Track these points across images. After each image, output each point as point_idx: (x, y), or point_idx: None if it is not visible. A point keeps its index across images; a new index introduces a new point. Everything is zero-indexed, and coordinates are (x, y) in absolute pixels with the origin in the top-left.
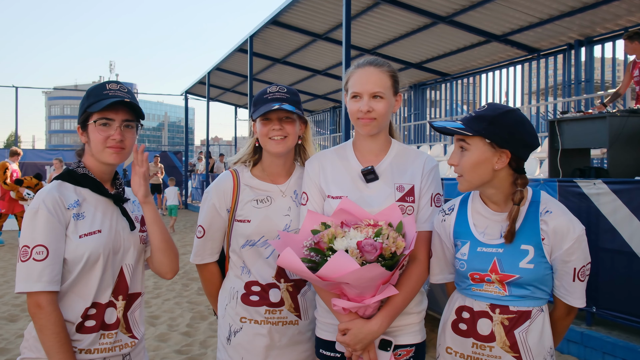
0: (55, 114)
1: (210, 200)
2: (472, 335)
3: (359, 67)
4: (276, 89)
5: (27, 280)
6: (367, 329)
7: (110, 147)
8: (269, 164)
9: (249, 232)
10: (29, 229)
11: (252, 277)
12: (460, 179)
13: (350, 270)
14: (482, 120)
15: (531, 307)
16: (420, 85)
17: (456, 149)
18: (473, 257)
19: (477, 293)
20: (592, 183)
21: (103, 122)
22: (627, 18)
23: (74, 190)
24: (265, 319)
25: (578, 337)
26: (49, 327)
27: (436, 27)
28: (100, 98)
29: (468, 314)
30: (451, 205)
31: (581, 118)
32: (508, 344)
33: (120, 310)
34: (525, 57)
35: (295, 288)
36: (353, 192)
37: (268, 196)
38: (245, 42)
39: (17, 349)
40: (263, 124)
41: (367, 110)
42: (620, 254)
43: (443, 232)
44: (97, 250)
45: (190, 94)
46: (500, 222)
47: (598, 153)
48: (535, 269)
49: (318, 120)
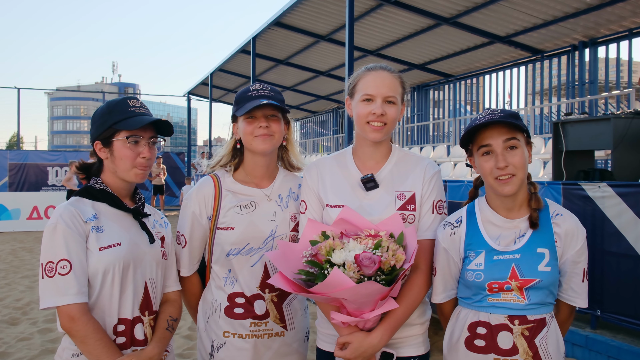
0: (58, 114)
1: (190, 207)
2: (493, 351)
3: (371, 70)
4: (260, 87)
5: (55, 295)
6: (367, 342)
7: (138, 166)
8: (252, 166)
9: (233, 240)
10: (49, 245)
11: (236, 287)
12: (511, 180)
13: (346, 287)
14: (516, 117)
15: (545, 314)
16: (424, 86)
17: (502, 150)
18: (490, 267)
19: (493, 304)
20: (597, 186)
21: (135, 140)
22: (632, 19)
23: (91, 205)
24: (251, 333)
25: (583, 340)
26: (90, 336)
27: (440, 29)
28: (127, 115)
29: (485, 329)
30: (458, 218)
31: (585, 120)
32: (531, 354)
33: (147, 326)
34: (529, 58)
35: (280, 298)
36: (352, 201)
37: (252, 201)
38: (247, 43)
39: (19, 352)
40: (248, 122)
41: (381, 113)
42: (625, 257)
43: (452, 245)
44: (118, 262)
45: (192, 95)
46: (513, 229)
47: (602, 154)
48: (552, 272)
49: (321, 121)
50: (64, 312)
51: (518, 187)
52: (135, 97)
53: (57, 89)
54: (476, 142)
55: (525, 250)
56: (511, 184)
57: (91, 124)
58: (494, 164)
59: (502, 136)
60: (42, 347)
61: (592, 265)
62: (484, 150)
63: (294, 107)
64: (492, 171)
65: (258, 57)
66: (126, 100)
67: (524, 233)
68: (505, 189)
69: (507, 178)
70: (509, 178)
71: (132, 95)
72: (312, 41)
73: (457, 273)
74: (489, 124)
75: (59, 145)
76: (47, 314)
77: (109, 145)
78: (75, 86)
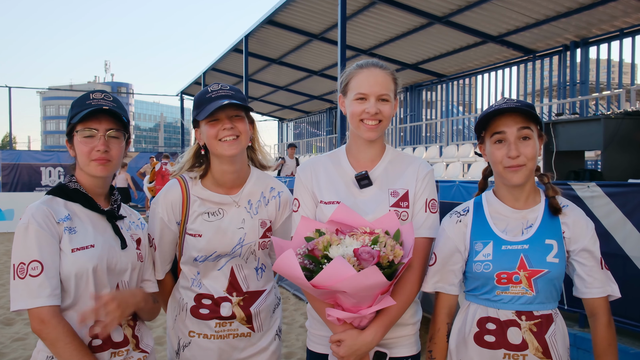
0: (51, 114)
1: (158, 213)
2: (503, 346)
3: (363, 68)
4: (219, 87)
5: (26, 297)
6: (360, 340)
7: (95, 159)
8: (221, 173)
9: (200, 247)
10: (21, 246)
11: (203, 289)
12: (521, 169)
13: (348, 276)
14: (532, 107)
15: (550, 310)
16: (417, 86)
17: (515, 139)
18: (499, 257)
19: (502, 297)
20: (586, 186)
21: (86, 134)
22: (623, 19)
23: (64, 205)
24: (216, 333)
25: (571, 339)
26: (60, 339)
27: (432, 28)
28: (83, 108)
29: (494, 325)
30: (465, 207)
31: (576, 120)
32: (541, 350)
33: (126, 328)
34: (521, 58)
35: (248, 301)
36: (346, 198)
37: (220, 208)
38: (240, 41)
39: (14, 353)
40: (211, 125)
41: (375, 112)
42: (613, 257)
43: (457, 234)
44: (91, 264)
45: (186, 94)
46: (520, 220)
47: (592, 155)
48: (560, 264)
49: (314, 122)
50: (34, 315)
51: (527, 177)
52: (104, 90)
53: (49, 88)
54: (489, 129)
55: (533, 241)
56: (520, 173)
57: None
58: (506, 152)
59: (517, 124)
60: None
61: None
62: (497, 138)
63: (287, 107)
64: (503, 159)
65: (251, 56)
66: (89, 93)
67: (532, 224)
68: (514, 177)
69: (517, 167)
70: (519, 167)
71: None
72: (304, 40)
73: (458, 264)
74: (505, 111)
75: (52, 145)
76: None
77: (72, 142)
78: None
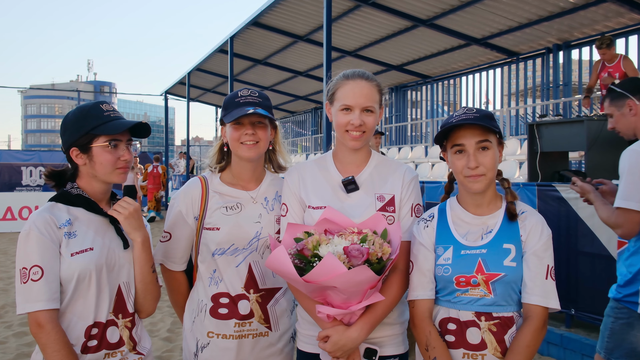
0: (32, 113)
1: (177, 207)
2: (462, 346)
3: (349, 79)
4: (248, 93)
5: (27, 301)
6: (346, 336)
7: (120, 167)
8: (239, 170)
9: (219, 240)
10: (23, 252)
11: (220, 287)
12: (480, 179)
13: (339, 273)
14: (491, 118)
15: (511, 312)
16: (402, 87)
17: (474, 150)
18: (458, 261)
19: (462, 299)
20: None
21: (115, 144)
22: (604, 23)
23: (66, 210)
24: (235, 333)
25: (557, 339)
26: (50, 346)
27: (417, 30)
28: (104, 120)
29: (454, 325)
30: (431, 214)
31: (560, 122)
32: (499, 349)
33: (123, 329)
34: (504, 60)
35: (265, 298)
36: (334, 202)
37: (238, 203)
38: (225, 42)
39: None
40: (235, 129)
41: (360, 124)
42: (598, 257)
43: (426, 238)
44: (89, 267)
45: (170, 94)
46: (480, 226)
47: (576, 155)
48: (518, 267)
49: (299, 121)
50: (32, 319)
51: (487, 185)
52: (106, 101)
53: (30, 87)
54: (450, 140)
55: (491, 245)
56: (480, 182)
57: (63, 131)
58: (466, 163)
59: (475, 137)
60: (17, 350)
61: (567, 265)
62: (456, 149)
63: (273, 107)
64: (463, 169)
65: (236, 57)
66: (98, 105)
67: (492, 229)
68: (474, 186)
69: (477, 177)
70: (479, 177)
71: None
72: (290, 41)
73: (431, 269)
74: (464, 124)
75: (33, 144)
76: (22, 317)
77: (87, 151)
78: (50, 84)
